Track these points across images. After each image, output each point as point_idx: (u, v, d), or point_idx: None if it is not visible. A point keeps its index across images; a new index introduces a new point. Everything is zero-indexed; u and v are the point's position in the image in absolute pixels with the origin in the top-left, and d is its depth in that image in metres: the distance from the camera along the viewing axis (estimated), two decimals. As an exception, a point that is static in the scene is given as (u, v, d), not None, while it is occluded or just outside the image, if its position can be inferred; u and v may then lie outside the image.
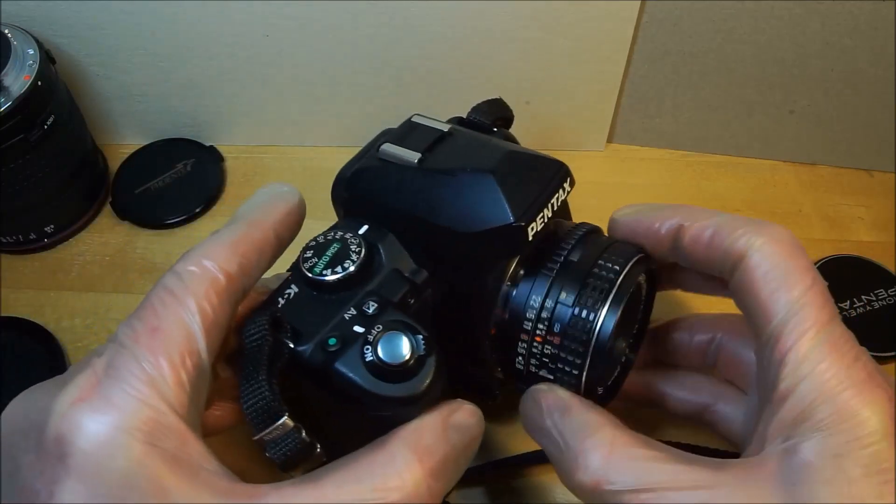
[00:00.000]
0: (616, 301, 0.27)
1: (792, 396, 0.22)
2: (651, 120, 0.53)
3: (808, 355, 0.23)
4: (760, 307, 0.25)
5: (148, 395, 0.20)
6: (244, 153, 0.53)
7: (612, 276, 0.28)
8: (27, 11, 0.45)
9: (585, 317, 0.27)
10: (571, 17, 0.46)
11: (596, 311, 0.27)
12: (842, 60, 0.48)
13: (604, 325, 0.27)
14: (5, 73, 0.40)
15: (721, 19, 0.46)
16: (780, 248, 0.25)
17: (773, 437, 0.22)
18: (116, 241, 0.49)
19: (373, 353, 0.24)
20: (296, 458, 0.23)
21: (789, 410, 0.22)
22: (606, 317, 0.27)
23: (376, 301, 0.26)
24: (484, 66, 0.49)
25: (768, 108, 0.51)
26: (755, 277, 0.25)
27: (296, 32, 0.47)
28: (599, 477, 0.24)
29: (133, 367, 0.20)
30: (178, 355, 0.21)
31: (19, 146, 0.41)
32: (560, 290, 0.28)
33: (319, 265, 0.27)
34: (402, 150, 0.30)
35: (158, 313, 0.22)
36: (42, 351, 0.42)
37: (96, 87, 0.50)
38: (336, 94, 0.51)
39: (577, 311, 0.27)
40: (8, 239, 0.46)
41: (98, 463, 0.19)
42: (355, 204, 0.31)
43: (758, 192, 0.53)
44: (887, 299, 0.46)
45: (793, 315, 0.24)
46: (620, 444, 0.24)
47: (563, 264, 0.29)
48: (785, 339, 0.23)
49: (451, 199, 0.28)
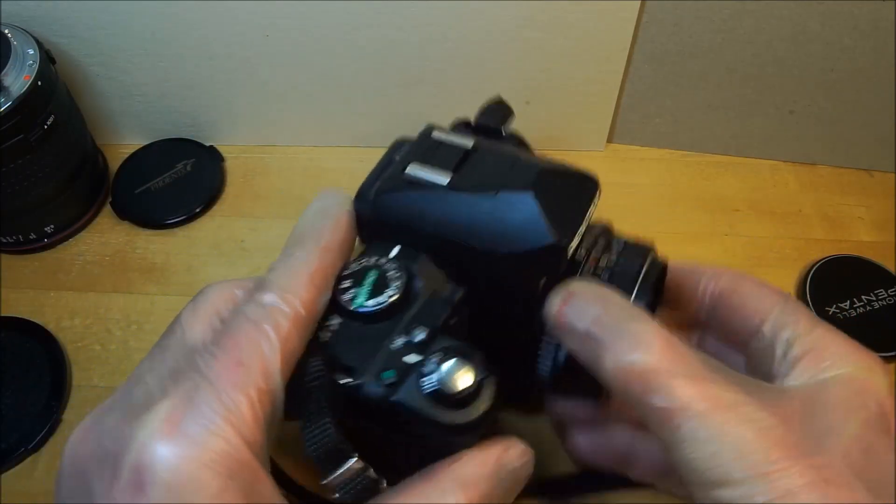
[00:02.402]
0: (643, 290, 0.27)
1: (808, 355, 0.24)
2: (651, 120, 0.53)
3: (812, 331, 0.25)
4: (750, 314, 0.27)
5: (227, 431, 0.20)
6: (244, 153, 0.53)
7: (636, 269, 0.28)
8: (27, 11, 0.45)
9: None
10: (571, 17, 0.46)
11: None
12: (842, 60, 0.48)
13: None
14: (5, 73, 0.40)
15: (721, 19, 0.46)
16: (748, 278, 0.29)
17: (794, 379, 0.24)
18: (116, 241, 0.49)
19: (434, 382, 0.23)
20: (365, 497, 0.23)
21: (804, 365, 0.24)
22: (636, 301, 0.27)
23: (423, 328, 0.25)
24: (484, 66, 0.49)
25: (768, 108, 0.51)
26: (741, 298, 0.28)
27: (296, 32, 0.47)
28: (650, 360, 0.22)
29: (214, 403, 0.20)
30: (256, 392, 0.21)
31: (19, 146, 0.41)
32: None
33: (361, 296, 0.26)
34: (431, 172, 0.28)
35: (241, 347, 0.22)
36: (42, 351, 0.42)
37: (96, 87, 0.50)
38: (336, 94, 0.51)
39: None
40: (8, 239, 0.46)
41: (178, 494, 0.19)
42: (383, 226, 0.29)
43: (758, 192, 0.53)
44: (887, 299, 0.46)
45: (785, 311, 0.26)
46: (671, 336, 0.23)
47: (594, 272, 0.29)
48: (787, 326, 0.26)
49: (487, 221, 0.27)
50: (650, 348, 0.22)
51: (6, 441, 0.39)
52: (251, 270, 0.47)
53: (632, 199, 0.52)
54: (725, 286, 0.28)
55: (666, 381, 0.21)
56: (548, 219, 0.26)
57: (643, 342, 0.22)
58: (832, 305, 0.45)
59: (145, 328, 0.44)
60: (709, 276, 0.29)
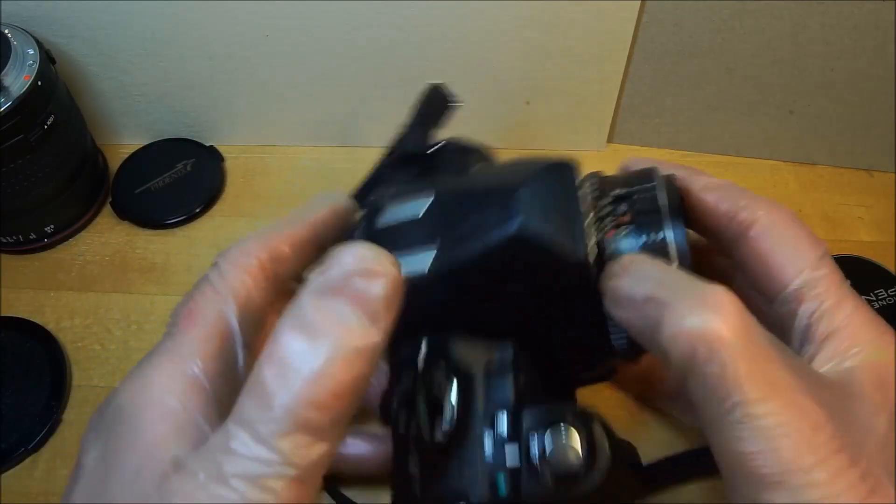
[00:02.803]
0: (674, 215, 0.25)
1: (832, 339, 0.23)
2: (651, 120, 0.53)
3: (838, 308, 0.24)
4: (776, 271, 0.25)
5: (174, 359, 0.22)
6: (244, 153, 0.53)
7: (652, 197, 0.25)
8: (27, 11, 0.45)
9: (660, 244, 0.24)
10: (571, 17, 0.46)
11: (663, 231, 0.25)
12: (842, 60, 0.48)
13: (677, 241, 0.24)
14: (5, 73, 0.40)
15: (721, 19, 0.46)
16: (786, 218, 0.26)
17: (821, 366, 0.23)
18: (116, 241, 0.49)
19: (548, 470, 0.22)
20: None
21: (833, 349, 0.23)
22: (675, 233, 0.24)
23: (501, 410, 0.23)
24: (484, 66, 0.49)
25: (768, 108, 0.51)
26: (769, 245, 0.25)
27: (296, 32, 0.47)
28: (719, 324, 0.20)
29: (166, 343, 0.23)
30: (209, 328, 0.23)
31: (19, 146, 0.41)
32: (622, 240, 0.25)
33: (425, 424, 0.23)
34: (405, 264, 0.23)
35: (195, 298, 0.23)
36: (42, 351, 0.42)
37: (96, 87, 0.50)
38: (336, 94, 0.51)
39: (649, 241, 0.25)
40: (8, 239, 0.46)
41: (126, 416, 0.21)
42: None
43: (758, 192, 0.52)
44: (887, 299, 0.46)
45: (815, 276, 0.25)
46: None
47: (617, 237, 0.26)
48: (812, 297, 0.24)
49: (494, 273, 0.24)
50: (720, 310, 0.20)
51: (6, 441, 0.39)
52: (251, 270, 0.47)
53: (632, 199, 0.52)
54: (760, 222, 0.26)
55: (732, 353, 0.19)
56: (555, 248, 0.23)
57: (712, 303, 0.20)
58: (832, 305, 0.45)
59: (145, 328, 0.44)
60: (740, 202, 0.26)
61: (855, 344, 0.23)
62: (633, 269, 0.23)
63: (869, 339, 0.23)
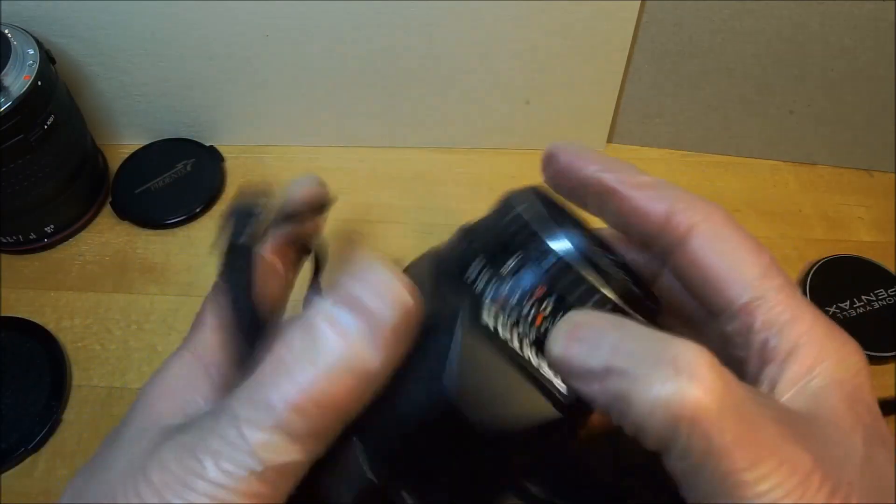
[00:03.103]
0: (589, 258, 0.21)
1: (794, 356, 0.21)
2: (651, 120, 0.53)
3: (795, 322, 0.22)
4: (720, 283, 0.23)
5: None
6: (244, 153, 0.53)
7: (543, 249, 0.20)
8: (27, 11, 0.45)
9: (599, 301, 0.20)
10: (571, 17, 0.46)
11: (587, 285, 0.20)
12: (842, 60, 0.48)
13: (618, 290, 0.20)
14: (5, 73, 0.40)
15: (721, 19, 0.46)
16: (727, 224, 0.23)
17: (786, 391, 0.21)
18: (116, 241, 0.49)
19: None
20: None
21: (796, 370, 0.21)
22: (607, 281, 0.20)
23: None
24: (484, 66, 0.49)
25: (768, 108, 0.51)
26: (710, 254, 0.23)
27: (296, 32, 0.47)
28: (697, 392, 0.17)
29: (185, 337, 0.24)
30: (218, 319, 0.24)
31: (19, 146, 0.41)
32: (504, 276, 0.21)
33: None
34: None
35: (211, 291, 0.24)
36: (42, 351, 0.42)
37: (96, 87, 0.50)
38: (336, 94, 0.51)
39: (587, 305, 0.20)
40: (8, 239, 0.46)
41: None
42: None
43: (758, 192, 0.53)
44: (887, 299, 0.46)
45: (765, 287, 0.22)
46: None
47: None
48: (765, 310, 0.22)
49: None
50: (696, 375, 0.18)
51: (6, 441, 0.39)
52: (251, 270, 0.47)
53: (632, 199, 0.52)
54: (700, 228, 0.23)
55: (717, 424, 0.17)
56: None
57: (686, 367, 0.18)
58: (832, 305, 0.45)
59: (145, 328, 0.44)
60: (679, 203, 0.23)
61: (818, 361, 0.21)
62: (581, 335, 0.19)
63: (831, 353, 0.21)
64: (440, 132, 0.53)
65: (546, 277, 0.20)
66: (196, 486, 0.18)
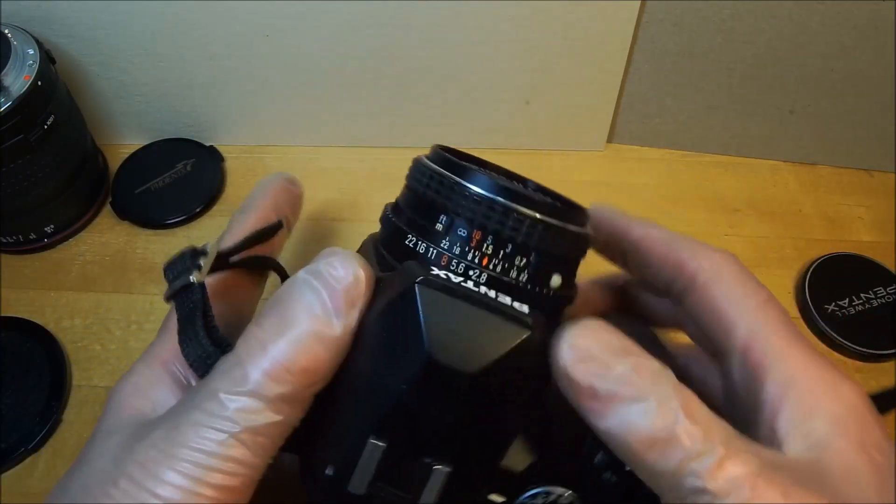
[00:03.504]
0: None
1: (787, 399, 0.22)
2: (651, 120, 0.53)
3: (787, 359, 0.22)
4: (721, 322, 0.24)
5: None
6: (244, 153, 0.53)
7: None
8: (27, 11, 0.45)
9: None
10: (571, 17, 0.46)
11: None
12: (842, 60, 0.48)
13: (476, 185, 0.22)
14: (5, 73, 0.40)
15: (721, 19, 0.46)
16: (729, 266, 0.25)
17: (788, 435, 0.21)
18: (116, 241, 0.49)
19: None
20: None
21: (792, 410, 0.21)
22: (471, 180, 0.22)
23: None
24: (484, 66, 0.49)
25: (768, 108, 0.51)
26: (713, 295, 0.24)
27: (296, 32, 0.47)
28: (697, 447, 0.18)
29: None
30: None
31: (19, 146, 0.41)
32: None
33: None
34: None
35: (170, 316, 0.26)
36: (42, 351, 0.42)
37: (96, 87, 0.50)
38: (336, 94, 0.51)
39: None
40: (8, 239, 0.46)
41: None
42: None
43: (758, 192, 0.53)
44: (886, 297, 0.46)
45: (759, 324, 0.23)
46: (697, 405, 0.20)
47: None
48: (759, 347, 0.23)
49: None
50: (688, 421, 0.19)
51: (6, 441, 0.39)
52: (251, 270, 0.47)
53: (632, 200, 0.52)
54: (704, 270, 0.25)
55: (707, 465, 0.18)
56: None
57: (679, 412, 0.19)
58: (831, 303, 0.45)
59: (145, 328, 0.44)
60: (686, 252, 0.25)
61: (813, 405, 0.21)
62: (592, 353, 0.20)
63: (826, 392, 0.21)
64: (440, 132, 0.53)
65: (477, 221, 0.21)
66: (181, 455, 0.19)
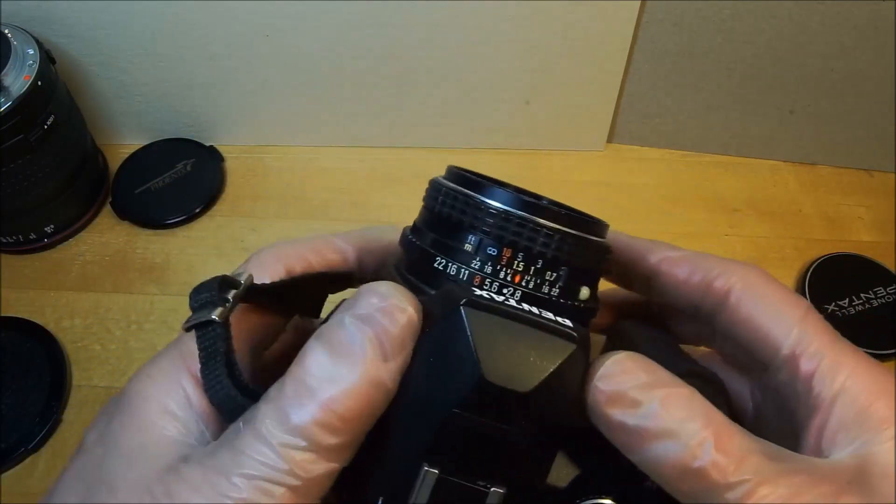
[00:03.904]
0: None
1: (837, 405, 0.22)
2: (651, 120, 0.53)
3: (838, 367, 0.22)
4: (763, 336, 0.23)
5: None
6: (244, 153, 0.53)
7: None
8: (27, 11, 0.45)
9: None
10: (571, 17, 0.46)
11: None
12: (842, 60, 0.48)
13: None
14: (5, 73, 0.40)
15: (721, 19, 0.46)
16: (762, 280, 0.25)
17: (832, 445, 0.21)
18: (116, 241, 0.49)
19: None
20: None
21: (842, 416, 0.22)
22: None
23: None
24: (484, 66, 0.49)
25: (768, 108, 0.51)
26: (750, 311, 0.24)
27: (296, 32, 0.47)
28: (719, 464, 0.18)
29: (180, 339, 0.23)
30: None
31: (19, 146, 0.41)
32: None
33: None
34: None
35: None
36: (42, 351, 0.42)
37: (96, 87, 0.50)
38: (336, 94, 0.51)
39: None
40: (8, 239, 0.46)
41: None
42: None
43: (758, 192, 0.53)
44: (886, 297, 0.46)
45: (805, 335, 0.23)
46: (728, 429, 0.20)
47: None
48: (807, 357, 0.23)
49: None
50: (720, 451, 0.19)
51: (6, 441, 0.39)
52: (251, 270, 0.47)
53: (632, 199, 0.52)
54: (737, 287, 0.24)
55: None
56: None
57: (709, 446, 0.19)
58: (831, 303, 0.45)
59: (145, 328, 0.44)
60: (714, 271, 0.25)
61: (864, 406, 0.21)
62: (624, 386, 0.20)
63: (879, 396, 0.21)
64: (440, 132, 0.53)
65: (507, 239, 0.21)
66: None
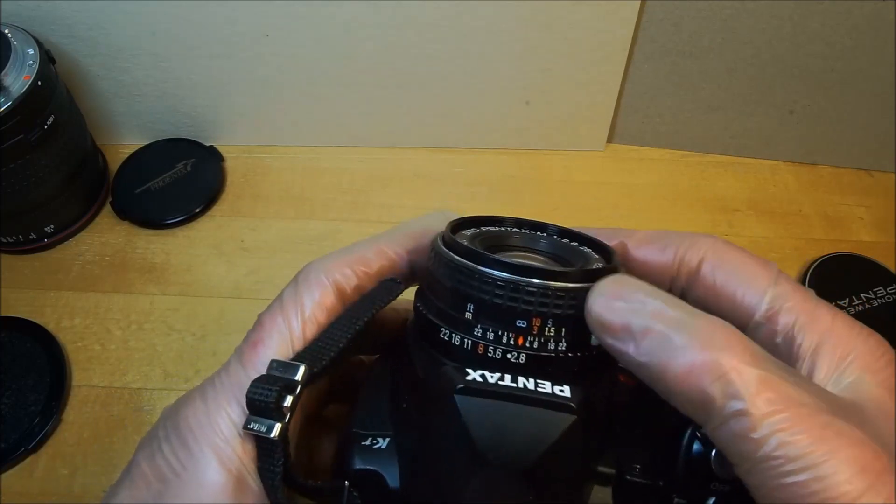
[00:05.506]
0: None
1: (822, 352, 0.23)
2: (651, 120, 0.53)
3: (816, 319, 0.23)
4: (739, 299, 0.24)
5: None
6: (244, 153, 0.53)
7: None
8: (27, 11, 0.45)
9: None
10: (571, 17, 0.46)
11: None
12: (842, 60, 0.48)
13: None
14: (5, 73, 0.40)
15: (721, 19, 0.46)
16: (730, 248, 0.26)
17: (826, 381, 0.22)
18: (116, 241, 0.49)
19: None
20: None
21: (825, 365, 0.22)
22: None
23: None
24: (484, 66, 0.49)
25: (768, 108, 0.51)
26: (725, 277, 0.25)
27: (296, 32, 0.47)
28: (731, 360, 0.19)
29: (230, 367, 0.23)
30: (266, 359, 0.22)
31: (19, 146, 0.41)
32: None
33: None
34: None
35: (264, 326, 0.23)
36: (42, 351, 0.42)
37: (96, 87, 0.50)
38: (336, 94, 0.51)
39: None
40: (8, 239, 0.46)
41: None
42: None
43: (758, 192, 0.53)
44: (886, 297, 0.46)
45: (780, 293, 0.24)
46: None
47: None
48: (785, 312, 0.23)
49: None
50: (731, 347, 0.19)
51: (6, 441, 0.39)
52: (251, 270, 0.47)
53: (632, 199, 0.52)
54: (706, 258, 0.25)
55: (747, 387, 0.18)
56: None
57: (717, 340, 0.19)
58: (831, 303, 0.45)
59: (145, 328, 0.44)
60: (683, 245, 0.25)
61: (845, 354, 0.22)
62: (625, 295, 0.21)
63: (857, 346, 0.22)
64: (440, 132, 0.53)
65: (505, 305, 0.21)
66: None
